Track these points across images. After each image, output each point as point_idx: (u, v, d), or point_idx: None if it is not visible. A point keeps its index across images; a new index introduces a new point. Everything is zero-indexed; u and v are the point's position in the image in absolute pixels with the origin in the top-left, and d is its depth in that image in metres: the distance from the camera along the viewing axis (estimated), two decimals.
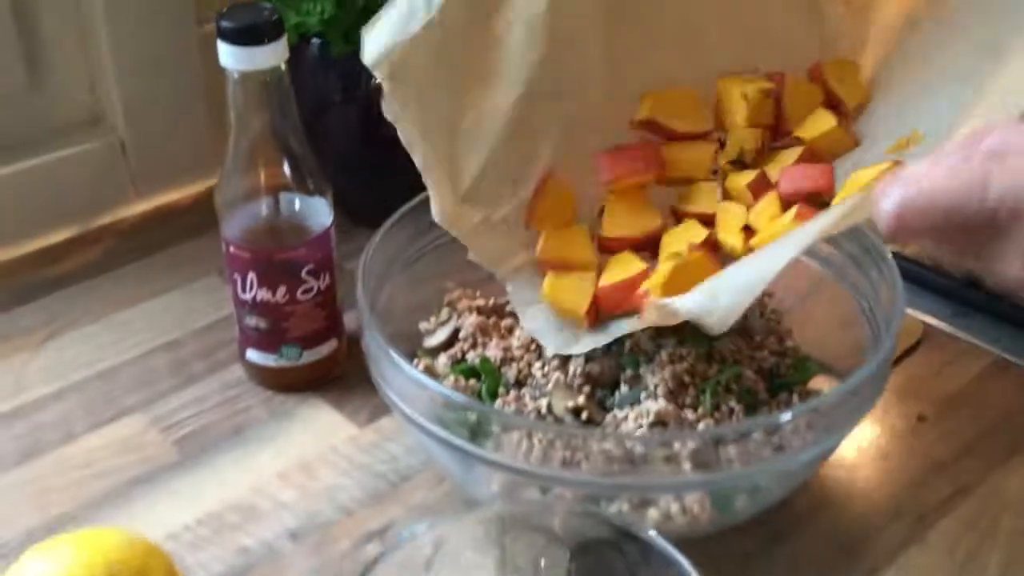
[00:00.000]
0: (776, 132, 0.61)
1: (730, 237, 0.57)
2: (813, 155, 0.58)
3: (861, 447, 0.63)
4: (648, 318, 0.51)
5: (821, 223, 0.46)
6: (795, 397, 0.59)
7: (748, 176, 0.58)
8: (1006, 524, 0.58)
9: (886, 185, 0.39)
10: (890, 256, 0.58)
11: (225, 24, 0.58)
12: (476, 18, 0.56)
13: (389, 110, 0.56)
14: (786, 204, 0.56)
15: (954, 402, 0.66)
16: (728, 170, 0.60)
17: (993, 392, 0.66)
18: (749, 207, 0.58)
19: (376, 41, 0.55)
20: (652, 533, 0.42)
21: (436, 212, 0.57)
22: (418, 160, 0.57)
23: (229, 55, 0.59)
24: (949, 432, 0.64)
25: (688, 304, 0.47)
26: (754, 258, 0.51)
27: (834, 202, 0.53)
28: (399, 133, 0.56)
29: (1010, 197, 0.38)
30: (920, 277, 0.76)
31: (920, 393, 0.66)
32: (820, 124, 0.59)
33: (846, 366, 0.61)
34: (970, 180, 0.38)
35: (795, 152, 0.59)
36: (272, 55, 0.59)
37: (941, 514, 0.58)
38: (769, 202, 0.57)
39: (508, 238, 0.60)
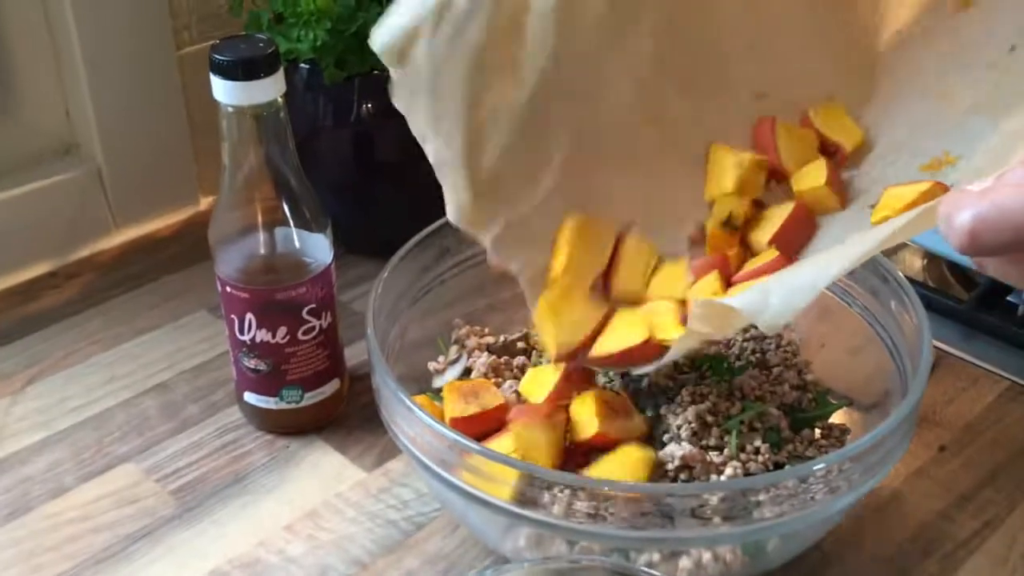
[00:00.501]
0: (772, 174, 0.59)
1: (668, 333, 0.54)
2: (804, 211, 0.56)
3: (885, 482, 0.61)
4: (693, 323, 0.49)
5: (879, 235, 0.45)
6: (817, 432, 0.58)
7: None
8: None
9: (957, 200, 0.38)
10: (907, 282, 0.57)
11: (219, 58, 0.55)
12: (492, 5, 0.52)
13: (399, 100, 0.52)
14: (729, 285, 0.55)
15: (973, 430, 0.65)
16: (717, 234, 0.58)
17: (1011, 419, 0.65)
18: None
19: (387, 27, 0.51)
20: None
21: (451, 210, 0.54)
22: (431, 154, 0.54)
23: (224, 90, 0.56)
24: (971, 462, 0.62)
25: (740, 301, 0.45)
26: (808, 263, 0.49)
27: (872, 219, 0.52)
28: (410, 127, 0.53)
29: None
30: (927, 300, 0.74)
31: (938, 422, 0.65)
32: (812, 178, 0.57)
33: (866, 396, 0.60)
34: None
35: (786, 209, 0.56)
36: (269, 89, 0.57)
37: (969, 550, 0.57)
38: (710, 281, 0.55)
39: (525, 241, 0.57)
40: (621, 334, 0.55)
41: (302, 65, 0.72)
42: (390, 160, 0.76)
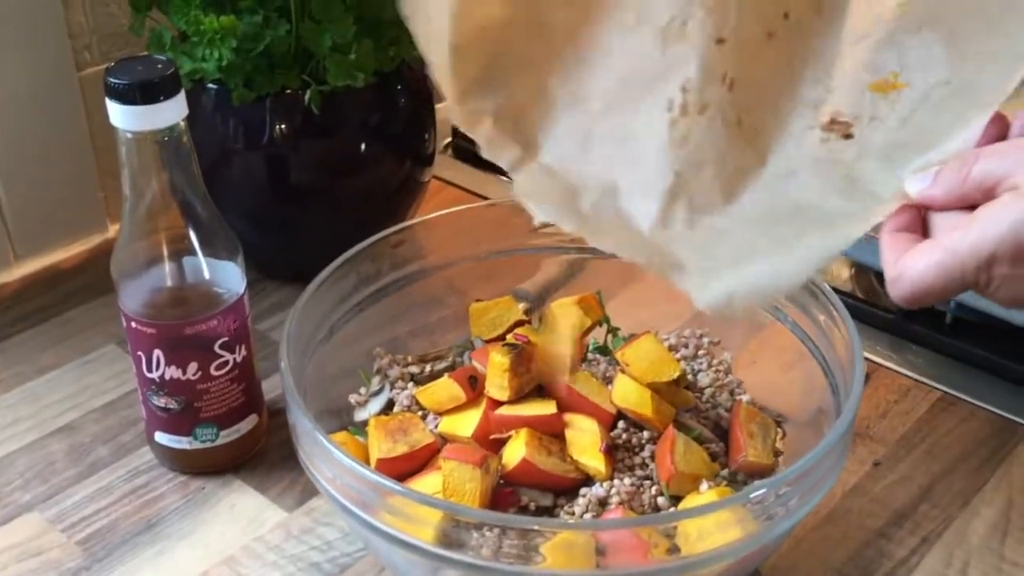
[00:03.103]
0: None
1: (588, 459, 0.53)
2: None
3: (823, 500, 0.60)
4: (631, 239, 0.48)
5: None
6: None
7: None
8: (975, 574, 0.56)
9: (889, 286, 0.44)
10: (836, 298, 0.56)
11: (115, 81, 0.52)
12: None
13: None
14: None
15: (907, 444, 0.64)
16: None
17: (943, 430, 0.65)
18: None
19: None
20: None
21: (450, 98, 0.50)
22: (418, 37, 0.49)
23: (121, 115, 0.53)
24: (906, 477, 0.62)
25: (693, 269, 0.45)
26: (762, 261, 0.47)
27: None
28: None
29: (1002, 250, 0.41)
30: (856, 311, 0.74)
31: (872, 436, 0.64)
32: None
33: (800, 413, 0.59)
34: (950, 266, 0.42)
35: None
36: (170, 113, 0.53)
37: (908, 568, 0.56)
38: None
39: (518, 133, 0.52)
40: (537, 405, 0.54)
41: (209, 85, 0.69)
42: (306, 182, 0.73)
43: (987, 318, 0.69)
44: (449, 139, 0.98)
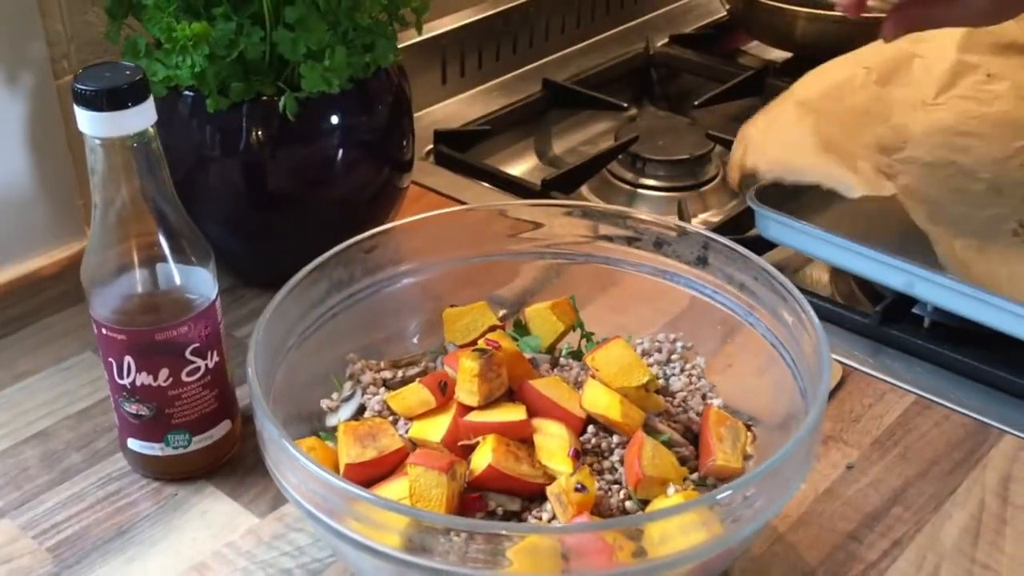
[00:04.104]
0: None
1: (556, 464, 0.53)
2: None
3: (794, 502, 0.60)
4: None
5: None
6: None
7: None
8: (945, 575, 0.56)
9: None
10: (806, 301, 0.56)
11: (80, 87, 0.52)
12: None
13: None
14: None
15: (880, 447, 0.64)
16: None
17: (917, 433, 0.65)
18: None
19: None
20: None
21: None
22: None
23: (89, 122, 0.53)
24: (878, 480, 0.61)
25: None
26: None
27: None
28: None
29: None
30: (836, 316, 0.74)
31: (845, 440, 0.64)
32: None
33: (772, 417, 0.59)
34: None
35: None
36: (138, 119, 0.53)
37: (879, 571, 0.56)
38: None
39: None
40: (506, 411, 0.54)
41: (185, 93, 0.69)
42: (283, 189, 0.73)
43: (965, 323, 0.69)
44: (431, 145, 0.98)
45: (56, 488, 0.62)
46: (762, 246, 0.79)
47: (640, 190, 0.96)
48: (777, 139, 0.77)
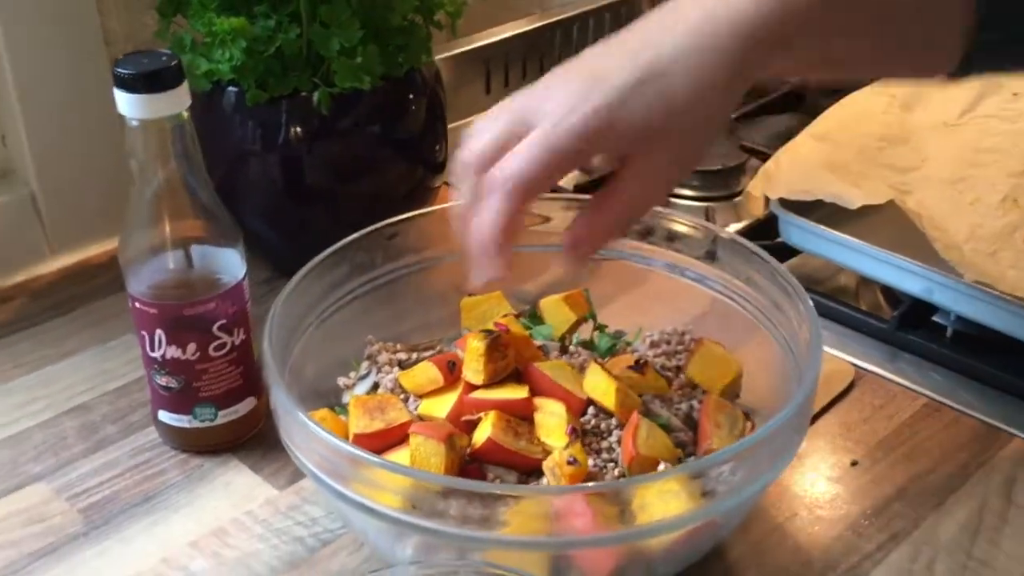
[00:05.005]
0: None
1: (554, 440, 0.54)
2: None
3: (795, 494, 0.61)
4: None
5: None
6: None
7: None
8: (940, 570, 0.56)
9: None
10: (805, 293, 0.57)
11: (121, 71, 0.56)
12: None
13: None
14: None
15: (886, 446, 0.64)
16: None
17: (925, 435, 0.65)
18: None
19: None
20: None
21: None
22: None
23: (127, 103, 0.56)
24: (881, 477, 0.62)
25: None
26: None
27: None
28: None
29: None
30: (853, 321, 0.75)
31: (852, 438, 0.65)
32: None
33: (772, 409, 0.60)
34: None
35: None
36: (173, 102, 0.57)
37: (874, 562, 0.57)
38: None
39: None
40: (509, 390, 0.56)
41: (228, 88, 0.73)
42: (318, 183, 0.76)
43: (987, 332, 0.70)
44: None
45: (91, 456, 0.66)
46: (786, 253, 0.80)
47: (673, 199, 0.97)
48: (791, 169, 0.79)
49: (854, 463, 0.63)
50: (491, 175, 0.47)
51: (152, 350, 0.62)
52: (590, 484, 0.51)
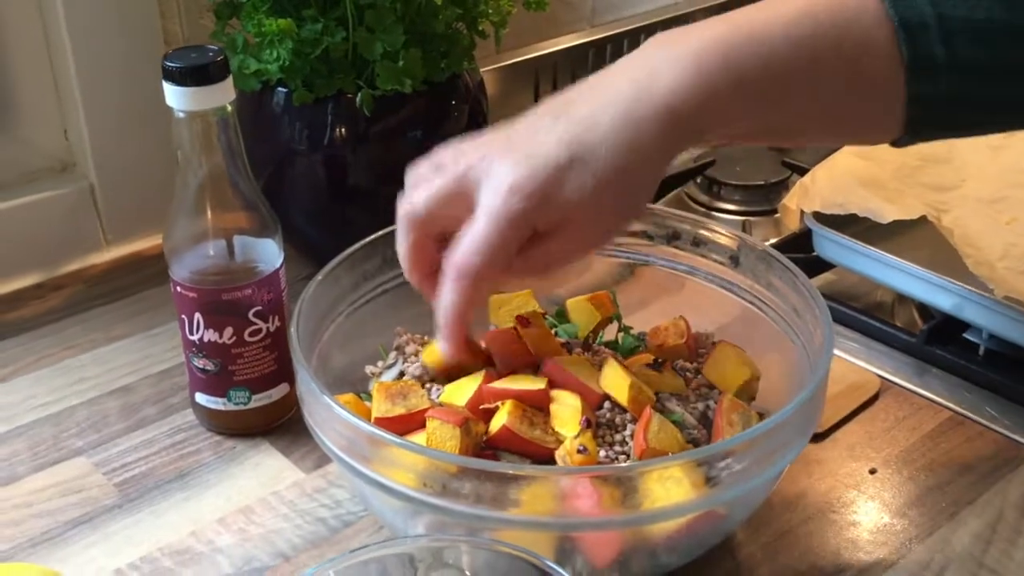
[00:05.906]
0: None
1: (568, 431, 0.56)
2: None
3: (810, 498, 0.61)
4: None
5: None
6: None
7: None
8: (950, 575, 0.56)
9: None
10: (821, 297, 0.58)
11: (170, 65, 0.59)
12: None
13: None
14: None
15: (906, 456, 0.64)
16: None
17: (947, 446, 0.65)
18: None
19: None
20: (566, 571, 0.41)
21: None
22: None
23: (174, 96, 0.59)
24: (898, 486, 0.62)
25: None
26: None
27: None
28: None
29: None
30: (882, 334, 0.75)
31: (874, 446, 0.65)
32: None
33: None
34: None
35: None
36: (217, 95, 0.60)
37: (885, 567, 0.57)
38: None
39: None
40: (527, 381, 0.58)
41: (278, 89, 0.76)
42: (361, 184, 0.79)
43: (1020, 351, 0.69)
44: None
45: (130, 434, 0.69)
46: (820, 267, 0.81)
47: (714, 212, 0.98)
48: (827, 183, 0.80)
49: (873, 471, 0.63)
50: (445, 266, 0.51)
51: (191, 333, 0.65)
52: (595, 467, 0.52)
